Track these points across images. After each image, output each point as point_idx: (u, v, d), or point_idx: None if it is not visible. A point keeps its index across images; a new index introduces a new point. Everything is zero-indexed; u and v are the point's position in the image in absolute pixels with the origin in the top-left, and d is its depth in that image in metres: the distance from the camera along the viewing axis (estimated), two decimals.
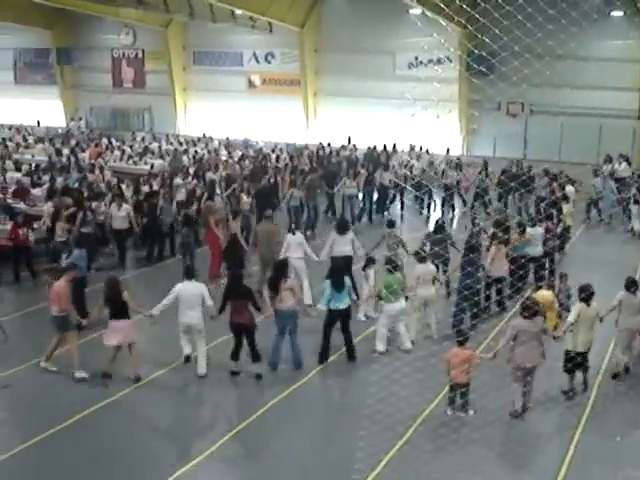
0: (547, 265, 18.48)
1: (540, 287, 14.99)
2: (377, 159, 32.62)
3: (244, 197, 22.10)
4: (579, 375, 12.86)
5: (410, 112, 15.68)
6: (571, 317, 12.56)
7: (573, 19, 15.07)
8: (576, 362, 12.57)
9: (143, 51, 48.50)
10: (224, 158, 32.54)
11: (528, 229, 18.02)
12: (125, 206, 20.15)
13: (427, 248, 16.81)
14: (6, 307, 17.19)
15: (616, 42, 33.94)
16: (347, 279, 14.28)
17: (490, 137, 37.01)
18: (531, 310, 11.89)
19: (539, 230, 18.34)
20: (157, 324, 13.48)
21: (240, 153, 34.21)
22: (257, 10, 37.79)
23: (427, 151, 33.59)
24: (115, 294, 13.01)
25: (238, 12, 39.33)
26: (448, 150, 33.26)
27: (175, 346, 13.66)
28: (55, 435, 11.23)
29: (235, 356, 13.35)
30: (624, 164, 30.24)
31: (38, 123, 46.71)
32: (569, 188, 24.90)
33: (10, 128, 45.31)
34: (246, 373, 13.35)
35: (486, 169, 28.39)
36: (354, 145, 36.54)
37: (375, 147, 34.58)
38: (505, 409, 12.06)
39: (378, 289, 14.52)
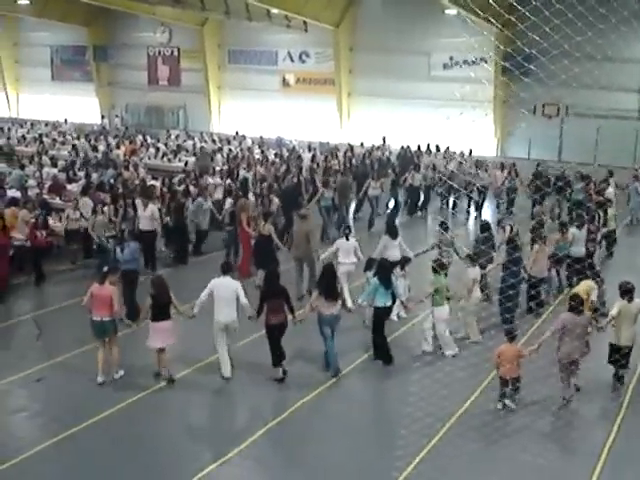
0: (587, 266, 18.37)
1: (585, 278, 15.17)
2: (410, 159, 32.44)
3: (275, 198, 22.05)
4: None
5: (446, 113, 15.54)
6: (613, 312, 12.81)
7: (612, 22, 14.91)
8: (623, 354, 12.85)
9: (179, 49, 48.87)
10: (258, 156, 32.57)
11: (571, 229, 18.00)
12: (151, 206, 19.27)
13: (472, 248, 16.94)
14: (37, 303, 17.38)
15: None
16: (393, 278, 14.31)
17: (525, 139, 36.79)
18: (578, 305, 12.25)
19: (582, 231, 18.28)
20: (191, 320, 13.38)
21: (273, 152, 34.24)
22: (293, 9, 37.93)
23: (462, 153, 33.32)
24: (163, 294, 12.78)
25: (274, 11, 39.49)
26: (471, 151, 32.93)
27: (204, 343, 13.55)
28: (86, 430, 11.30)
29: (279, 362, 13.08)
30: None
31: (65, 121, 47.00)
32: (610, 190, 24.66)
33: (47, 124, 45.82)
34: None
35: (515, 171, 28.17)
36: (386, 145, 36.33)
37: (408, 147, 34.40)
38: (549, 400, 12.36)
39: (427, 291, 14.27)
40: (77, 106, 51.86)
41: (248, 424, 12.12)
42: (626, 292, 12.80)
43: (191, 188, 22.80)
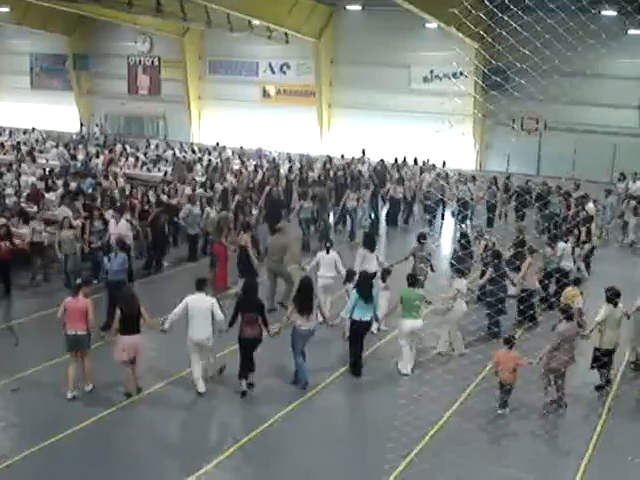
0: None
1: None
2: (383, 173, 32.28)
3: (253, 210, 22.11)
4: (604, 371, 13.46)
5: (426, 126, 15.69)
6: (599, 317, 13.19)
7: (591, 38, 15.06)
8: (603, 360, 13.20)
9: (159, 59, 48.79)
10: (236, 167, 32.52)
11: (560, 244, 18.25)
12: (123, 222, 19.02)
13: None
14: (17, 311, 17.12)
15: (633, 60, 33.94)
16: (374, 291, 14.25)
17: (504, 153, 37.00)
18: (569, 313, 12.71)
19: (569, 245, 18.57)
20: (164, 334, 13.20)
21: (253, 163, 34.20)
22: (274, 20, 38.03)
23: (434, 165, 33.37)
24: (133, 307, 12.60)
25: (255, 22, 39.50)
26: (444, 163, 33.04)
27: (177, 356, 13.43)
28: (57, 444, 11.13)
29: (245, 375, 13.02)
30: (638, 183, 30.18)
31: (33, 129, 46.00)
32: (590, 206, 24.86)
33: (25, 132, 45.48)
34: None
35: (496, 184, 28.31)
36: (365, 157, 36.19)
37: (382, 161, 34.40)
38: (531, 407, 12.67)
39: (395, 304, 14.32)
40: (56, 115, 51.56)
41: (224, 437, 12.03)
42: (612, 297, 13.24)
43: (163, 198, 22.83)
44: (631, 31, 32.25)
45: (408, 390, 12.44)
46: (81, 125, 50.03)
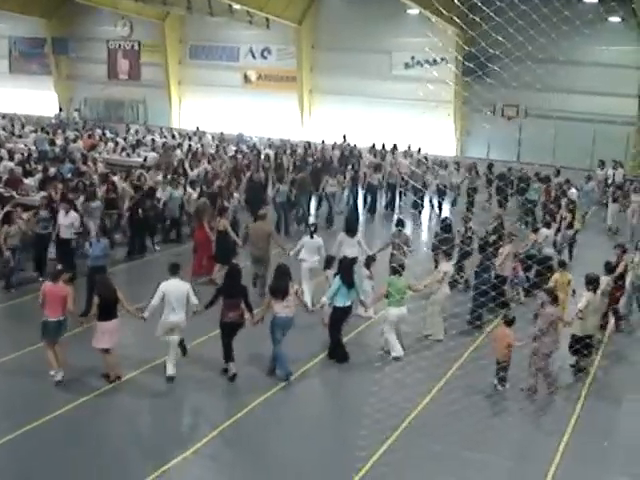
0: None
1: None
2: (347, 159, 32.27)
3: (235, 194, 22.19)
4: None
5: (406, 112, 15.72)
6: (581, 305, 13.41)
7: (571, 24, 15.08)
8: (585, 343, 13.53)
9: (139, 43, 48.41)
10: (212, 151, 32.46)
11: (542, 230, 18.44)
12: (72, 213, 18.11)
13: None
14: None
15: (613, 48, 34.05)
16: (356, 277, 14.28)
17: (484, 140, 37.09)
18: (554, 296, 12.92)
19: (551, 231, 18.82)
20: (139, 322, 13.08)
21: (234, 149, 34.11)
22: (255, 5, 37.84)
23: (419, 150, 33.43)
24: (111, 293, 12.56)
25: (236, 7, 39.24)
26: (419, 149, 33.16)
27: (153, 345, 13.34)
28: (32, 431, 11.07)
29: (230, 356, 13.01)
30: (620, 170, 30.42)
31: (3, 116, 45.19)
32: (573, 192, 25.01)
33: (4, 117, 45.03)
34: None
35: (476, 170, 28.39)
36: (346, 143, 36.12)
37: (354, 146, 34.52)
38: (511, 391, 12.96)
39: (383, 291, 14.33)
40: (35, 99, 51.07)
41: (202, 424, 12.00)
42: (591, 282, 13.54)
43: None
44: (611, 19, 32.37)
45: (387, 376, 12.42)
46: (60, 110, 49.54)
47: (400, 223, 18.04)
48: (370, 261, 15.95)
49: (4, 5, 45.48)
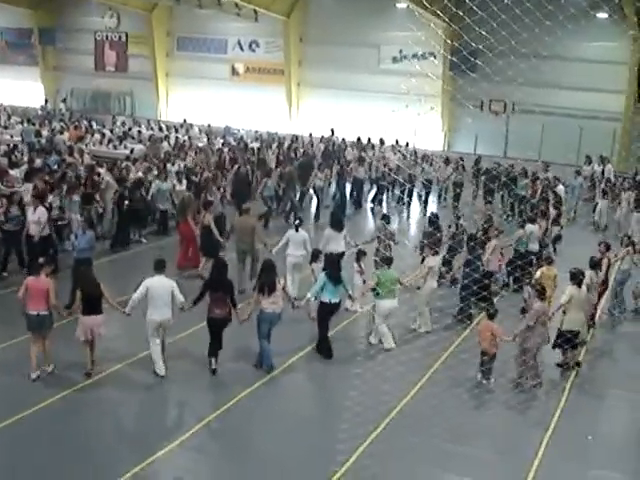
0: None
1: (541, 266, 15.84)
2: (332, 153, 32.36)
3: (214, 188, 22.13)
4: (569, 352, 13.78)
5: (394, 106, 15.70)
6: (563, 299, 13.42)
7: (558, 20, 15.10)
8: (566, 339, 13.43)
9: (127, 35, 48.13)
10: (200, 144, 32.39)
11: (528, 226, 18.46)
12: (40, 209, 17.55)
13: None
14: None
15: (600, 44, 34.17)
16: (343, 273, 14.33)
17: (471, 134, 37.13)
18: (544, 292, 13.09)
19: (536, 227, 18.77)
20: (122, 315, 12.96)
21: (221, 141, 34.07)
22: None
23: (406, 144, 33.53)
24: (93, 288, 12.48)
25: None
26: (407, 144, 33.34)
27: (136, 338, 13.31)
28: (15, 425, 10.99)
29: (214, 353, 13.01)
30: (609, 165, 30.59)
31: None
32: (560, 188, 25.11)
33: None
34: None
35: (463, 166, 28.49)
36: (334, 137, 36.13)
37: (336, 139, 34.67)
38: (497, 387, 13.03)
39: (370, 285, 14.43)
40: (22, 90, 50.76)
41: (187, 417, 11.99)
42: (574, 277, 13.50)
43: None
44: (599, 15, 32.41)
45: (371, 370, 12.49)
46: (45, 101, 49.29)
47: (385, 218, 18.08)
48: (361, 255, 15.98)
49: None
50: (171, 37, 46.86)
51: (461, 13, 12.37)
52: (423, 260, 16.08)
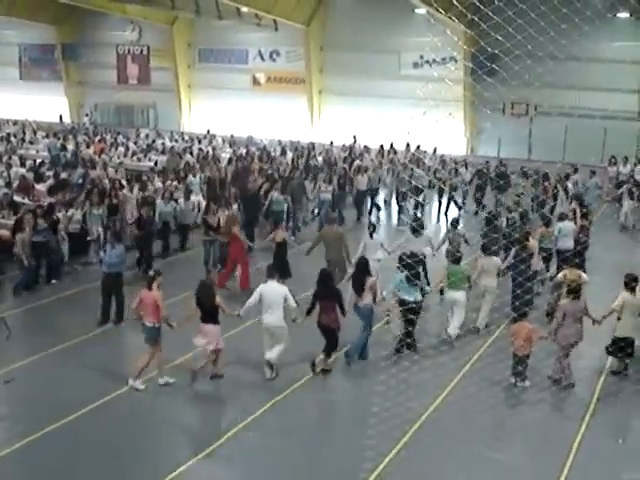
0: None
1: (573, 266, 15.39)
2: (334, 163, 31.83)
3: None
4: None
5: (415, 112, 15.70)
6: (615, 304, 13.15)
7: (578, 22, 15.04)
8: (620, 346, 13.16)
9: (148, 48, 48.61)
10: (225, 155, 32.42)
11: (559, 223, 18.22)
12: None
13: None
14: (9, 303, 16.93)
15: (621, 44, 33.98)
16: (422, 274, 15.19)
17: (494, 138, 37.03)
18: (576, 291, 12.85)
19: (568, 224, 18.37)
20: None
21: (244, 151, 34.17)
22: (263, 8, 37.92)
23: (417, 147, 33.47)
24: (208, 299, 12.61)
25: (244, 10, 39.42)
26: (435, 149, 33.46)
27: (174, 345, 13.25)
28: (52, 432, 11.14)
29: (329, 355, 13.43)
30: (639, 166, 30.33)
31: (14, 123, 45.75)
32: (570, 186, 24.97)
33: (15, 124, 45.32)
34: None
35: (487, 169, 28.35)
36: (356, 144, 36.10)
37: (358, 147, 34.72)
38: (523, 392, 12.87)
39: (443, 278, 15.10)
40: (46, 106, 51.29)
41: (217, 425, 12.04)
42: (629, 283, 13.17)
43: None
44: (620, 15, 32.27)
45: (405, 371, 12.44)
46: (60, 117, 49.41)
47: (455, 221, 18.73)
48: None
49: (14, 12, 45.80)
50: (192, 49, 47.21)
51: (478, 19, 12.37)
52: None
